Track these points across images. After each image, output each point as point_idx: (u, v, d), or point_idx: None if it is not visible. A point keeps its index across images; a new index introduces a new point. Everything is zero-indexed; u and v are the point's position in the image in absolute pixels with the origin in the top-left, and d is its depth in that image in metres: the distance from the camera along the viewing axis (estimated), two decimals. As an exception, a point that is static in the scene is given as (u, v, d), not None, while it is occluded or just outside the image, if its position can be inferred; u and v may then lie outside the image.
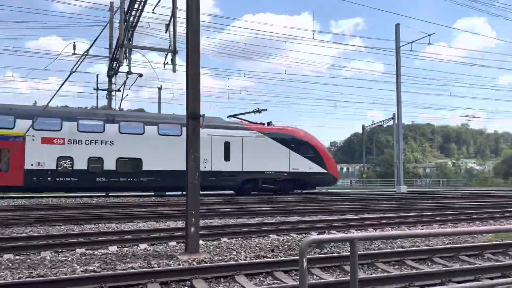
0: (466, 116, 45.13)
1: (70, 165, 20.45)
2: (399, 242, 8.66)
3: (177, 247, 7.96)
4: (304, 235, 9.76)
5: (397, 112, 32.48)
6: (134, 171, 21.66)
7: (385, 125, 62.31)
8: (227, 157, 23.29)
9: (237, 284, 5.43)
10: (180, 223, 10.87)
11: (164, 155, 21.67)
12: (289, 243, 8.33)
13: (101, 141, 21.11)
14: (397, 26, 30.78)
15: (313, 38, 55.98)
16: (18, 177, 19.44)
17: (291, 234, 9.50)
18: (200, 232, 7.53)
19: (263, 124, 25.98)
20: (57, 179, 20.16)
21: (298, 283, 2.33)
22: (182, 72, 9.56)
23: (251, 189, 24.17)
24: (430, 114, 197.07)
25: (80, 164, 20.57)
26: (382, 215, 13.07)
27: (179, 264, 6.30)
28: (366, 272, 6.24)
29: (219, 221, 11.83)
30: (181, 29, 16.09)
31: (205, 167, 21.68)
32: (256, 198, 21.12)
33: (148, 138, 21.89)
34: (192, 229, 7.06)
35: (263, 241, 8.72)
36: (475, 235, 9.56)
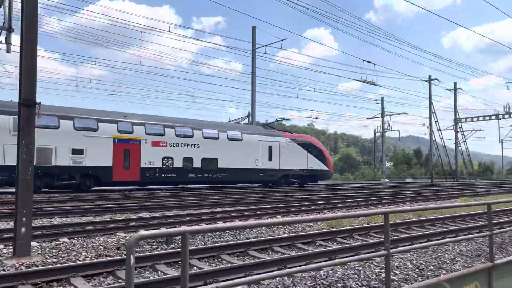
0: (311, 117, 49.90)
1: (171, 163, 24.86)
2: (246, 234, 9.13)
3: (4, 251, 7.01)
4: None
5: (252, 111, 34.19)
6: (212, 168, 26.72)
7: (241, 123, 64.96)
8: (270, 158, 29.76)
9: (73, 286, 5.03)
10: (12, 224, 9.61)
11: (231, 155, 27.43)
12: (137, 240, 8.05)
13: (191, 144, 25.94)
14: (254, 28, 32.34)
15: (169, 31, 55.12)
16: (136, 174, 23.41)
17: (140, 231, 9.19)
18: (34, 233, 6.77)
19: (288, 131, 33.78)
20: (162, 175, 24.41)
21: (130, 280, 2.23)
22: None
23: (284, 183, 30.63)
24: (281, 114, 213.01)
25: (178, 163, 25.16)
26: (232, 208, 13.60)
27: (3, 270, 5.55)
28: (212, 264, 6.40)
29: (60, 220, 10.82)
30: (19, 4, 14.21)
31: (257, 165, 28.88)
32: (107, 194, 19.97)
33: (221, 142, 27.39)
34: (23, 229, 6.28)
35: (109, 239, 8.27)
36: (311, 224, 10.63)
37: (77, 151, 21.55)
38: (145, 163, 23.76)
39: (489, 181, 43.36)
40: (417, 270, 5.83)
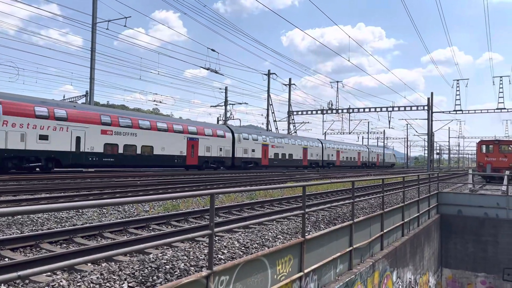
0: (155, 100, 48.80)
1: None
2: (74, 221, 8.47)
3: None
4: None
5: (90, 90, 31.70)
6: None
7: (79, 102, 59.65)
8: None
9: None
10: None
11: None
12: None
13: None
14: (95, 1, 29.89)
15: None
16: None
17: None
18: None
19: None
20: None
21: None
22: None
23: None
24: (123, 95, 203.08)
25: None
26: (62, 194, 12.47)
27: None
28: (28, 255, 5.77)
29: None
30: None
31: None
32: None
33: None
34: None
35: None
36: (147, 209, 10.45)
37: None
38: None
39: (313, 169, 49.07)
40: (243, 248, 6.25)
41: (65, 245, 6.40)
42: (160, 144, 29.66)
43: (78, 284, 3.86)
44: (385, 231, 9.68)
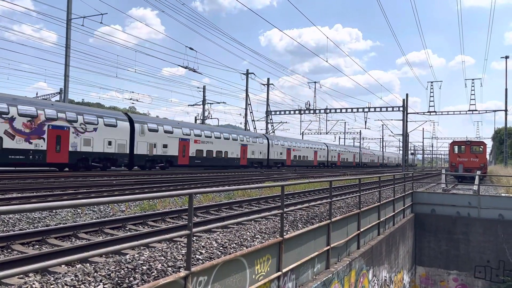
0: (131, 99, 48.13)
1: None
2: (47, 221, 8.26)
3: None
4: None
5: (64, 87, 31.00)
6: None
7: (53, 99, 58.30)
8: None
9: None
10: None
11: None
12: None
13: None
14: (70, -4, 29.23)
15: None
16: None
17: None
18: None
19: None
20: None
21: None
22: None
23: None
24: (99, 93, 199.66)
25: None
26: (34, 194, 12.14)
27: None
28: (-1, 256, 5.59)
29: None
30: None
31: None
32: None
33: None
34: None
35: None
36: (123, 209, 10.28)
37: None
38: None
39: (289, 169, 49.33)
40: (221, 248, 6.21)
41: (38, 246, 6.23)
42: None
43: (52, 286, 3.76)
44: (361, 230, 9.80)
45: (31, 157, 22.61)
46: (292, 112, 52.46)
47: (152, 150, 30.99)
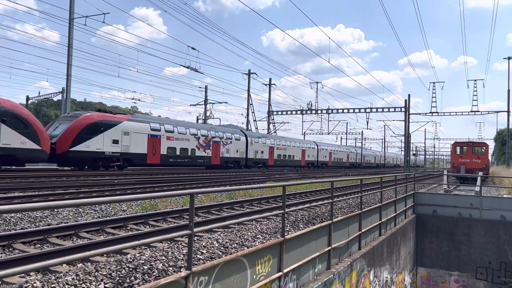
0: (133, 98, 48.16)
1: None
2: (49, 220, 8.27)
3: None
4: None
5: (66, 87, 31.07)
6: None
7: (55, 99, 58.46)
8: None
9: None
10: None
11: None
12: None
13: None
14: (73, -4, 29.30)
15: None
16: None
17: None
18: None
19: None
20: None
21: None
22: None
23: None
24: (100, 93, 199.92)
25: None
26: (35, 193, 12.16)
27: None
28: (1, 255, 5.59)
29: None
30: None
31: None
32: None
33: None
34: None
35: None
36: (125, 208, 10.29)
37: None
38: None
39: (291, 169, 49.26)
40: (222, 248, 6.22)
41: (39, 245, 6.24)
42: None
43: (53, 285, 3.76)
44: (363, 230, 9.79)
45: (205, 161, 35.86)
46: (294, 112, 52.46)
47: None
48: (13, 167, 22.66)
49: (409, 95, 46.13)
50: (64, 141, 24.31)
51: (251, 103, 51.66)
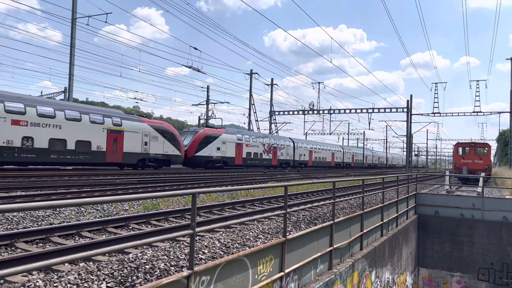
0: (135, 98, 48.25)
1: None
2: (51, 219, 8.29)
3: None
4: None
5: (69, 86, 31.11)
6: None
7: (57, 98, 58.45)
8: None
9: None
10: None
11: None
12: None
13: None
14: (76, -5, 29.33)
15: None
16: None
17: None
18: None
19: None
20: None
21: None
22: None
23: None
24: (103, 92, 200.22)
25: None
26: (38, 192, 12.19)
27: None
28: (3, 254, 5.61)
29: None
30: None
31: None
32: None
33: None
34: None
35: None
36: (127, 208, 10.30)
37: None
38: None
39: (294, 169, 49.26)
40: (224, 248, 6.22)
41: (41, 244, 6.26)
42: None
43: (55, 284, 3.77)
44: (364, 231, 9.78)
45: (268, 162, 45.18)
46: (295, 112, 52.43)
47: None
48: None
49: (411, 96, 46.08)
50: (191, 149, 34.87)
51: (253, 103, 51.70)
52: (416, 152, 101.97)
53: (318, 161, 58.07)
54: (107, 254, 5.75)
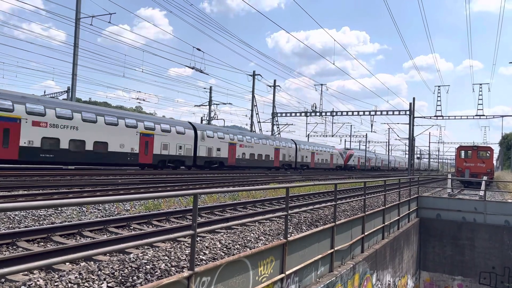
0: (138, 98, 48.31)
1: None
2: (52, 219, 8.30)
3: None
4: None
5: (72, 86, 31.19)
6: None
7: (60, 98, 58.62)
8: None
9: None
10: None
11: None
12: None
13: None
14: (80, -4, 29.42)
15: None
16: None
17: None
18: None
19: None
20: None
21: None
22: None
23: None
24: (105, 92, 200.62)
25: None
26: (40, 191, 12.21)
27: None
28: (4, 253, 5.62)
29: None
30: None
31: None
32: None
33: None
34: None
35: None
36: (128, 208, 10.31)
37: None
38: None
39: (295, 170, 49.22)
40: (225, 249, 6.22)
41: (42, 243, 6.27)
42: None
43: (56, 283, 3.78)
44: (366, 233, 9.76)
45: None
46: (298, 114, 52.39)
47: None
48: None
49: (414, 98, 45.93)
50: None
51: (255, 104, 51.69)
52: (418, 155, 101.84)
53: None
54: (108, 254, 5.76)
